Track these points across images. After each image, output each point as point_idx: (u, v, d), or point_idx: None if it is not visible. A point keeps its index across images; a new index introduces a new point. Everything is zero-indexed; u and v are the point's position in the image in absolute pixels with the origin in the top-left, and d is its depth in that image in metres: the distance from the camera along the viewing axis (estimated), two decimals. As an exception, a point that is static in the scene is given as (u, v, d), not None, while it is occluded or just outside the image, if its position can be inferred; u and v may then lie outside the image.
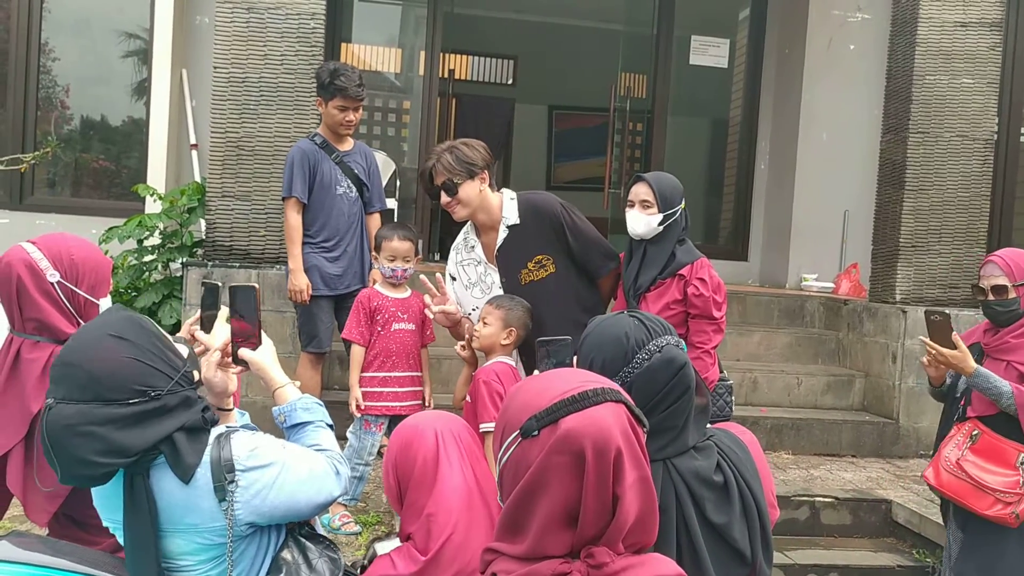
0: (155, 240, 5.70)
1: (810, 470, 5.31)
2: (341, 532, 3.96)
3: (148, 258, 5.64)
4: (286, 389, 2.12)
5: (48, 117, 6.86)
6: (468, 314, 3.55)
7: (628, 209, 3.58)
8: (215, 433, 1.86)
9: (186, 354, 1.91)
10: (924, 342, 3.41)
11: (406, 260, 4.04)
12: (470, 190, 3.35)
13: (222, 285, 2.18)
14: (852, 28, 7.78)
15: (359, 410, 3.99)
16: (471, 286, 3.55)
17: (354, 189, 4.63)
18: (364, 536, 3.98)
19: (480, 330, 3.41)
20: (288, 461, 1.90)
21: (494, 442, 1.44)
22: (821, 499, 4.74)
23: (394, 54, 9.46)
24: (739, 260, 8.37)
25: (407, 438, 2.14)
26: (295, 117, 5.20)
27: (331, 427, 2.12)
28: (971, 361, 3.33)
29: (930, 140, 5.84)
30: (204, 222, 5.40)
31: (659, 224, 3.51)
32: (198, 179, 6.13)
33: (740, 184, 8.59)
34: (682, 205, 3.57)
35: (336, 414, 4.51)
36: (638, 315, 1.80)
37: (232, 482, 1.80)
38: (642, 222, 3.52)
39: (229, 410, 2.11)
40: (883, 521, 4.78)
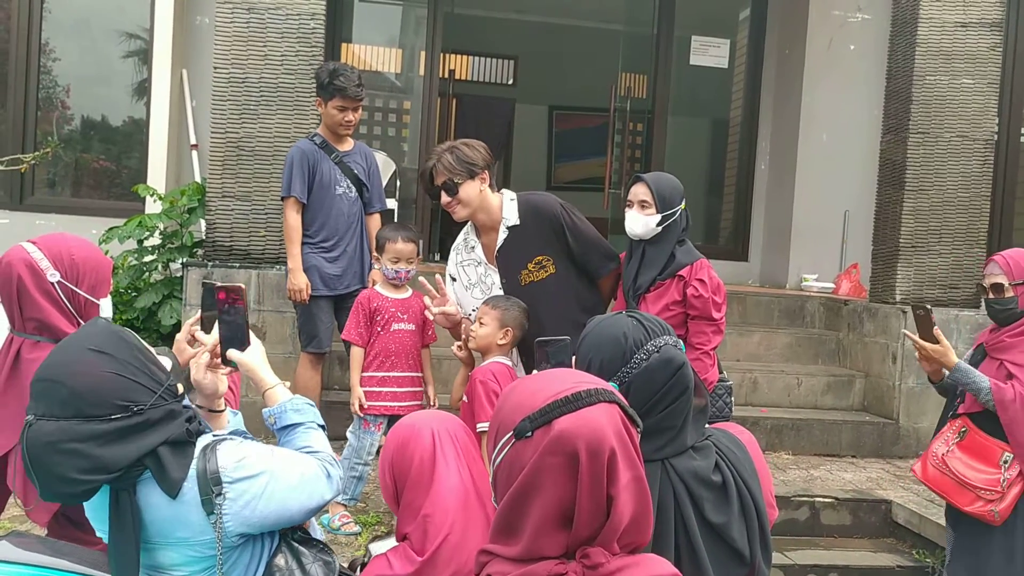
0: (155, 240, 5.70)
1: (810, 470, 5.31)
2: (341, 532, 3.96)
3: (148, 258, 5.64)
4: (276, 390, 2.08)
5: (48, 117, 6.86)
6: (468, 315, 3.54)
7: (627, 209, 3.58)
8: (201, 444, 1.82)
9: (169, 367, 1.88)
10: (907, 335, 3.49)
11: (409, 262, 4.04)
12: (470, 190, 3.35)
13: (216, 280, 2.16)
14: (852, 28, 7.78)
15: (361, 410, 4.00)
16: (471, 287, 3.55)
17: (354, 189, 4.63)
18: (364, 536, 3.97)
19: (476, 330, 3.41)
20: (277, 469, 1.86)
21: (488, 443, 1.44)
22: (821, 499, 4.74)
23: (394, 54, 9.46)
24: (739, 260, 8.37)
25: (403, 437, 2.12)
26: (295, 117, 5.20)
27: (323, 428, 2.09)
28: (952, 356, 3.39)
29: (930, 140, 5.84)
30: (204, 222, 5.41)
31: (657, 225, 3.50)
32: (198, 179, 6.13)
33: (740, 184, 8.58)
34: (682, 206, 3.56)
35: (336, 414, 4.56)
36: (636, 315, 1.80)
37: (219, 495, 1.76)
38: (640, 222, 3.52)
39: (221, 411, 2.10)
40: (883, 521, 4.78)
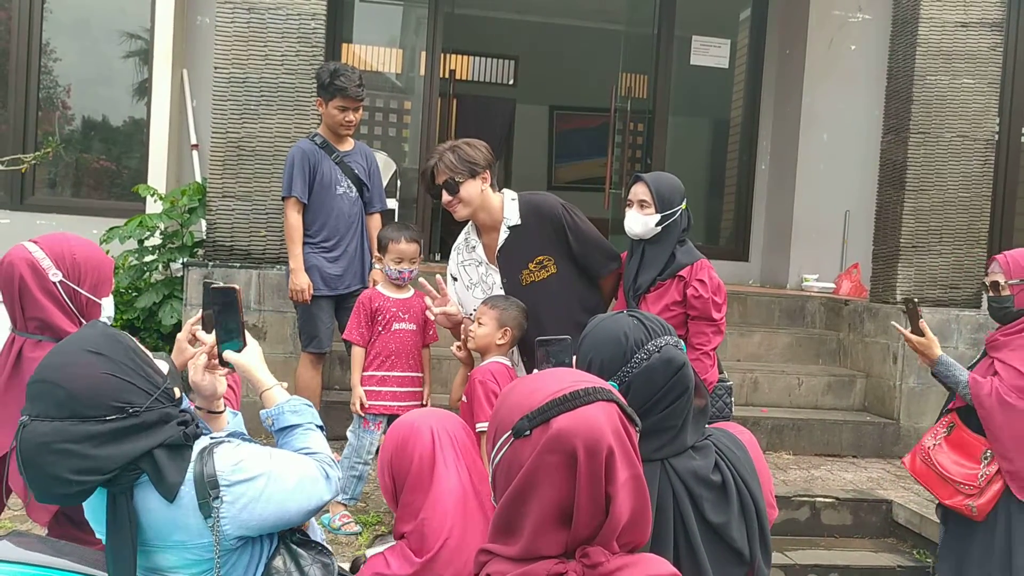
0: (156, 240, 5.70)
1: (811, 470, 5.30)
2: (341, 532, 3.96)
3: (149, 258, 5.64)
4: (273, 391, 2.07)
5: (49, 117, 6.86)
6: (469, 315, 3.54)
7: (627, 209, 3.59)
8: (198, 447, 1.81)
9: (166, 370, 1.87)
10: (895, 327, 3.64)
11: (412, 262, 4.04)
12: (472, 189, 3.35)
13: (211, 282, 2.16)
14: (853, 28, 7.78)
15: (362, 409, 4.00)
16: (472, 286, 3.54)
17: (354, 189, 4.63)
18: (364, 536, 3.97)
19: (475, 330, 3.41)
20: (275, 471, 1.85)
21: (487, 442, 1.44)
22: (822, 499, 4.74)
23: (395, 54, 9.47)
24: (740, 260, 8.37)
25: (403, 437, 2.09)
26: (296, 117, 5.20)
27: (322, 428, 2.08)
28: (935, 349, 3.44)
29: (931, 140, 5.84)
30: (205, 222, 5.41)
31: (656, 224, 3.50)
32: (199, 179, 6.13)
33: (741, 184, 8.58)
34: (682, 206, 3.55)
35: (337, 414, 4.56)
36: (637, 315, 1.80)
37: (217, 498, 1.76)
38: (639, 222, 3.52)
39: (220, 412, 2.09)
40: (884, 521, 4.78)
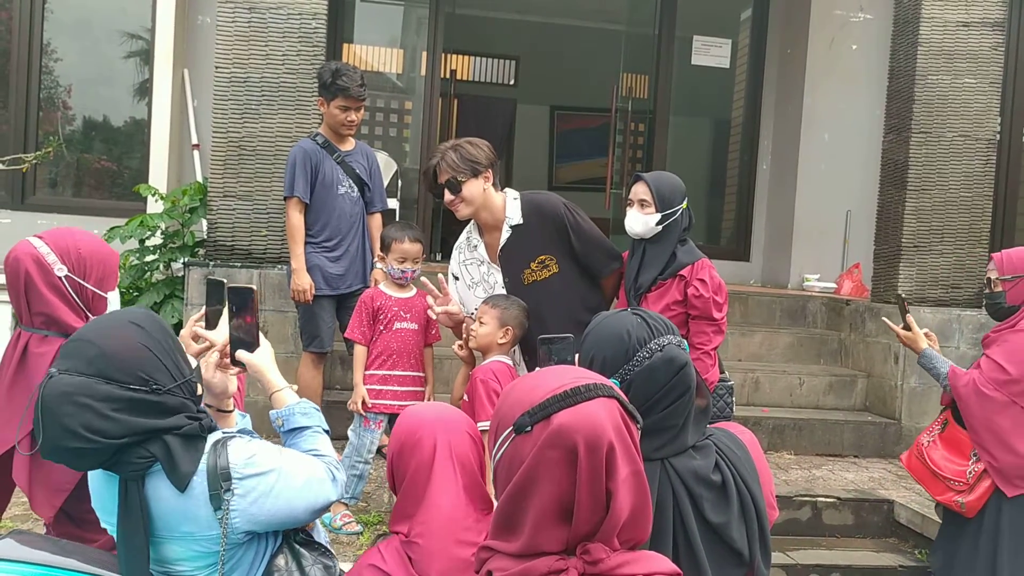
0: (157, 240, 5.70)
1: (812, 470, 5.30)
2: (342, 532, 3.95)
3: (150, 258, 5.64)
4: (284, 393, 2.09)
5: (50, 117, 6.86)
6: (471, 314, 3.53)
7: (628, 208, 3.58)
8: (211, 440, 1.84)
9: (194, 366, 1.91)
10: (885, 321, 3.82)
11: (415, 262, 4.04)
12: (474, 188, 3.34)
13: (226, 281, 2.19)
14: (854, 28, 7.78)
15: (364, 407, 3.99)
16: (474, 285, 3.54)
17: (355, 189, 4.63)
18: (366, 536, 3.97)
19: (477, 329, 3.40)
20: (286, 468, 1.88)
21: (489, 440, 1.43)
22: (823, 499, 4.73)
23: (396, 54, 9.47)
24: (741, 260, 8.37)
25: (404, 439, 2.01)
26: (297, 117, 5.20)
27: (327, 432, 2.10)
28: (921, 343, 3.51)
29: (932, 140, 5.83)
30: (206, 222, 5.40)
31: (657, 224, 3.50)
32: (200, 179, 6.13)
33: (742, 184, 8.58)
34: (683, 205, 3.55)
35: (337, 414, 4.55)
36: (642, 313, 1.79)
37: (228, 491, 1.78)
38: (640, 221, 3.52)
39: (229, 411, 2.10)
40: (885, 521, 4.77)
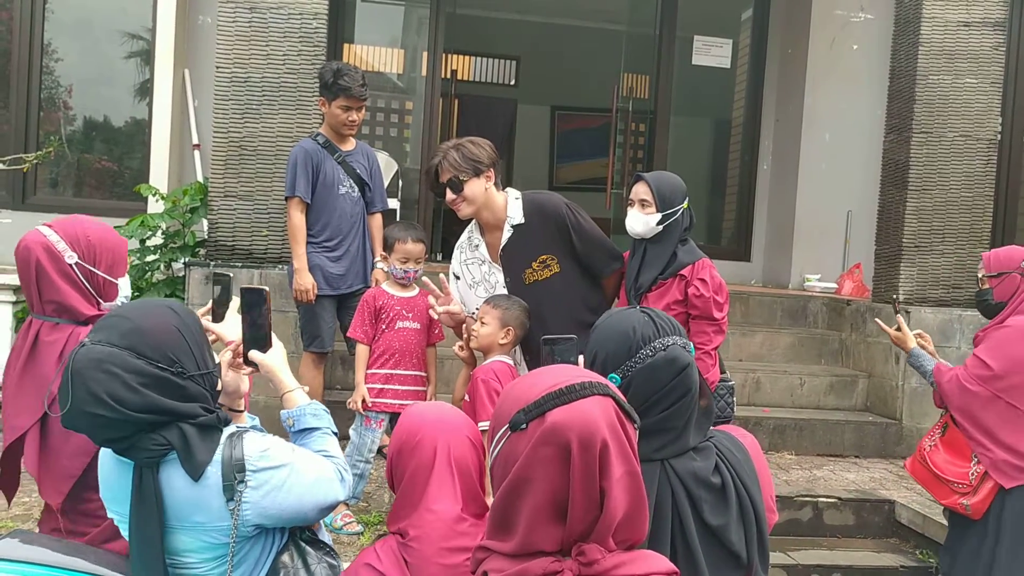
0: (157, 240, 5.70)
1: (813, 470, 5.30)
2: (343, 532, 3.95)
3: (150, 258, 5.63)
4: (295, 394, 2.12)
5: (51, 118, 6.86)
6: (472, 314, 3.53)
7: (628, 208, 3.58)
8: (227, 432, 1.87)
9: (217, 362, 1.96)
10: (877, 323, 3.93)
11: (417, 262, 4.04)
12: (475, 187, 3.34)
13: (233, 276, 2.22)
14: (855, 28, 7.78)
15: (364, 407, 3.99)
16: (475, 285, 3.54)
17: (356, 189, 4.62)
18: (366, 536, 3.96)
19: (478, 329, 3.40)
20: (298, 464, 1.91)
21: (488, 439, 1.43)
22: (824, 499, 4.73)
23: (396, 55, 9.47)
24: (742, 260, 8.37)
25: (404, 441, 1.99)
26: (297, 117, 5.20)
27: (336, 434, 2.12)
28: (909, 342, 3.52)
29: (933, 140, 5.83)
30: (206, 222, 5.40)
31: (657, 224, 3.50)
32: (200, 179, 6.13)
33: (743, 184, 8.58)
34: (684, 205, 3.55)
35: (338, 414, 4.52)
36: (649, 312, 1.79)
37: (242, 482, 1.80)
38: (640, 221, 3.52)
39: (240, 411, 2.12)
40: (886, 521, 4.77)
